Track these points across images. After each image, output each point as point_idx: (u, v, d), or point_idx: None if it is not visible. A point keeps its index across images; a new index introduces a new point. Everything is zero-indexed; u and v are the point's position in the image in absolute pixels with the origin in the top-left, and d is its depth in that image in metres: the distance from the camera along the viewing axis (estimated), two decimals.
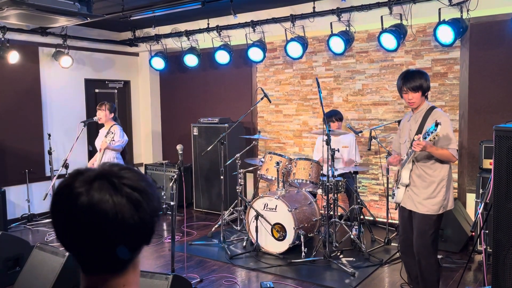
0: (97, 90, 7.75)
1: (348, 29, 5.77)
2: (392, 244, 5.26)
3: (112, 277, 0.98)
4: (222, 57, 6.79)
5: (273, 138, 7.08)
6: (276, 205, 5.01)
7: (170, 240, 4.81)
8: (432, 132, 3.14)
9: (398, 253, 4.78)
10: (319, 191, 5.33)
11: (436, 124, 3.13)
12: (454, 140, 3.48)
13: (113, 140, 5.01)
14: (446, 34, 5.07)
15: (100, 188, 0.92)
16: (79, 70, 7.35)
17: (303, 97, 6.77)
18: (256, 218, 5.01)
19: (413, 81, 3.48)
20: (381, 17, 5.42)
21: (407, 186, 3.60)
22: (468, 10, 5.03)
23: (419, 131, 3.49)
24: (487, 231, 3.36)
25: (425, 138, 3.22)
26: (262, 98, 5.64)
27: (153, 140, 8.37)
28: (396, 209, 4.83)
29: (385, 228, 5.44)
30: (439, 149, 3.39)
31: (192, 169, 7.30)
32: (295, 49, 6.06)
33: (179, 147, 4.37)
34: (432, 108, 3.55)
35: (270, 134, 7.13)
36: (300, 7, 6.07)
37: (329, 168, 4.77)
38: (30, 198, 6.66)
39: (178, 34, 7.15)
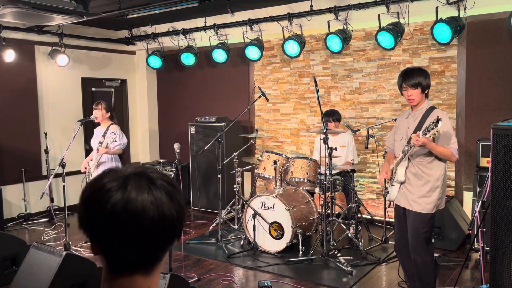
0: (94, 89, 7.72)
1: (345, 27, 5.77)
2: (389, 242, 5.26)
3: (139, 277, 0.97)
4: (219, 56, 6.78)
5: (271, 137, 7.08)
6: (274, 204, 5.00)
7: None
8: (432, 128, 3.14)
9: (395, 251, 4.78)
10: (317, 190, 5.33)
11: (437, 120, 3.12)
12: (455, 139, 3.45)
13: (115, 141, 4.98)
14: (443, 33, 5.08)
15: (137, 184, 0.93)
16: (76, 69, 7.32)
17: (300, 96, 6.77)
18: (254, 217, 5.01)
19: (412, 78, 3.48)
20: (379, 15, 5.42)
21: (401, 183, 3.60)
22: (465, 9, 5.03)
23: (417, 130, 3.48)
24: (484, 229, 3.37)
25: (425, 134, 3.21)
26: (259, 97, 5.63)
27: (150, 139, 8.35)
28: (389, 207, 4.86)
29: (382, 226, 5.45)
30: (440, 147, 3.37)
31: (189, 168, 7.28)
32: (292, 47, 6.05)
33: (176, 145, 4.35)
34: (432, 108, 3.54)
35: (268, 132, 7.13)
36: (297, 5, 6.06)
37: (327, 166, 4.77)
38: (27, 197, 6.63)
39: (175, 33, 7.14)
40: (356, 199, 5.30)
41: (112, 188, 0.92)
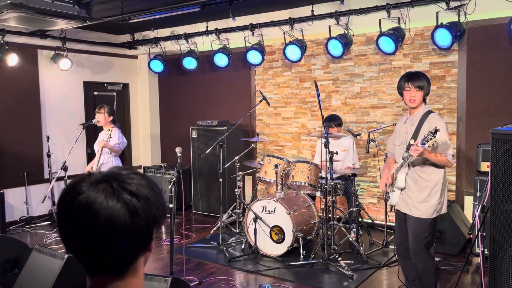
0: (96, 93, 7.76)
1: (346, 32, 5.80)
2: (390, 246, 5.27)
3: (111, 280, 0.98)
4: (221, 60, 6.81)
5: (272, 141, 7.10)
6: (275, 208, 5.02)
7: (168, 243, 4.83)
8: (431, 139, 3.17)
9: (395, 256, 4.79)
10: (318, 194, 5.34)
11: (436, 131, 3.15)
12: (451, 145, 3.50)
13: (110, 137, 5.00)
14: (444, 38, 5.10)
15: (99, 189, 0.94)
16: (78, 73, 7.36)
17: (301, 100, 6.79)
18: (255, 220, 5.02)
19: (418, 79, 3.55)
20: (379, 20, 5.44)
21: (402, 189, 3.62)
22: (465, 14, 5.06)
23: (415, 135, 3.52)
24: (484, 234, 3.37)
25: (423, 144, 3.23)
26: (260, 101, 5.65)
27: (151, 143, 8.38)
28: (390, 211, 4.88)
29: (383, 230, 5.45)
30: (437, 155, 3.41)
31: (190, 172, 7.30)
32: (293, 52, 6.08)
33: (178, 149, 4.37)
34: (428, 112, 3.58)
35: (269, 136, 7.15)
36: (298, 10, 6.09)
37: (328, 170, 4.78)
38: (29, 201, 6.65)
39: (177, 37, 7.17)
40: (357, 203, 5.31)
41: (81, 191, 0.94)
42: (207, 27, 6.81)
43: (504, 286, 2.43)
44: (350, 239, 5.11)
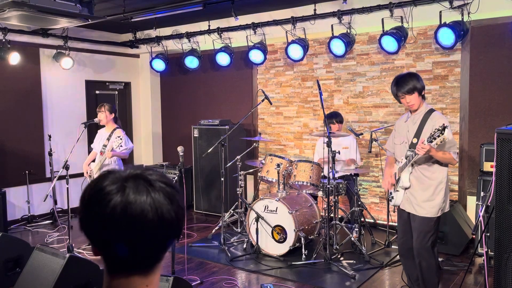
0: (97, 92, 7.75)
1: (349, 31, 5.78)
2: (392, 246, 5.25)
3: (137, 277, 0.97)
4: (223, 59, 6.79)
5: (274, 140, 7.08)
6: (277, 207, 5.00)
7: None
8: (438, 136, 3.14)
9: (398, 256, 4.77)
10: (320, 193, 5.33)
11: (444, 128, 3.13)
12: (456, 143, 3.48)
13: (121, 146, 4.99)
14: (447, 37, 5.08)
15: (136, 187, 0.93)
16: (80, 72, 7.35)
17: (303, 99, 6.78)
18: (257, 220, 5.01)
19: (405, 84, 3.48)
20: (382, 19, 5.42)
21: (406, 188, 3.60)
22: (469, 13, 5.03)
23: (417, 133, 3.50)
24: (488, 234, 3.36)
25: (430, 141, 3.21)
26: (262, 100, 5.64)
27: (153, 142, 8.37)
28: (394, 212, 4.85)
29: (385, 230, 5.43)
30: (444, 153, 3.38)
31: (192, 171, 7.29)
32: (295, 51, 6.06)
33: (179, 149, 4.36)
34: (431, 111, 3.55)
35: (271, 136, 7.13)
36: (301, 9, 6.07)
37: (330, 170, 4.77)
38: (30, 200, 6.65)
39: (179, 36, 7.16)
40: (359, 203, 5.30)
41: (111, 191, 0.92)
42: (209, 26, 6.79)
43: (509, 286, 2.41)
44: (352, 239, 5.09)
